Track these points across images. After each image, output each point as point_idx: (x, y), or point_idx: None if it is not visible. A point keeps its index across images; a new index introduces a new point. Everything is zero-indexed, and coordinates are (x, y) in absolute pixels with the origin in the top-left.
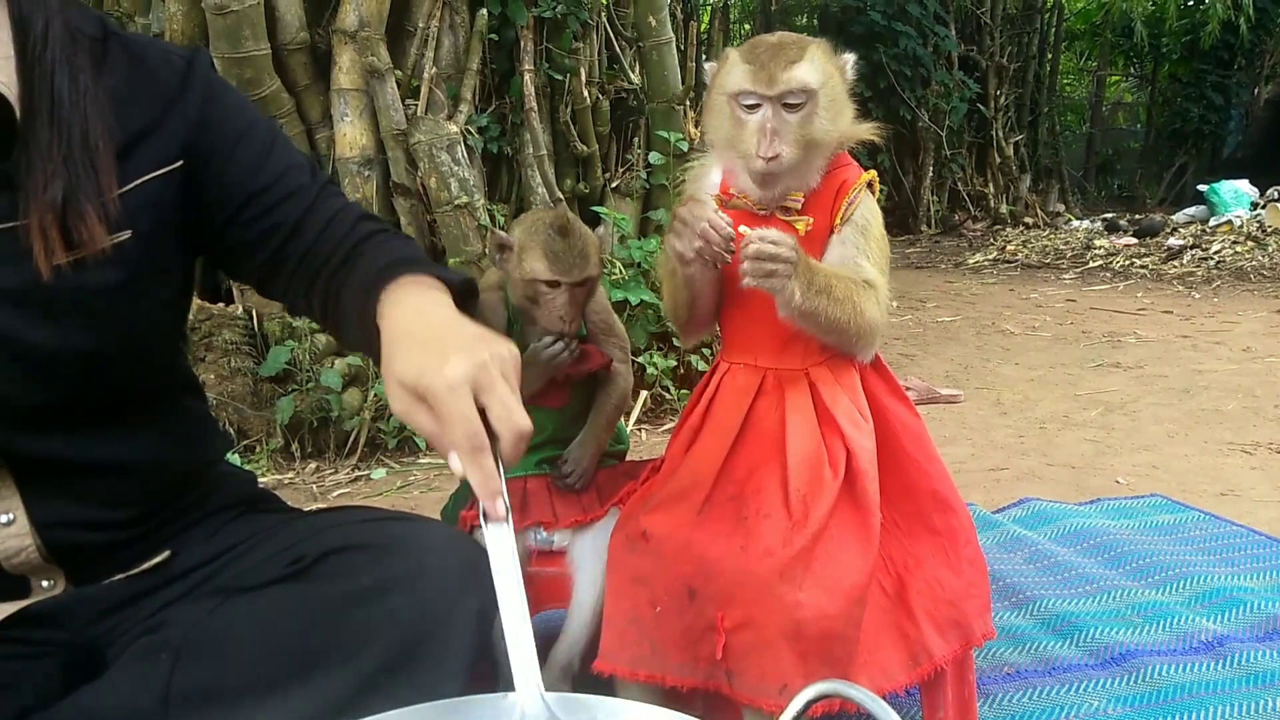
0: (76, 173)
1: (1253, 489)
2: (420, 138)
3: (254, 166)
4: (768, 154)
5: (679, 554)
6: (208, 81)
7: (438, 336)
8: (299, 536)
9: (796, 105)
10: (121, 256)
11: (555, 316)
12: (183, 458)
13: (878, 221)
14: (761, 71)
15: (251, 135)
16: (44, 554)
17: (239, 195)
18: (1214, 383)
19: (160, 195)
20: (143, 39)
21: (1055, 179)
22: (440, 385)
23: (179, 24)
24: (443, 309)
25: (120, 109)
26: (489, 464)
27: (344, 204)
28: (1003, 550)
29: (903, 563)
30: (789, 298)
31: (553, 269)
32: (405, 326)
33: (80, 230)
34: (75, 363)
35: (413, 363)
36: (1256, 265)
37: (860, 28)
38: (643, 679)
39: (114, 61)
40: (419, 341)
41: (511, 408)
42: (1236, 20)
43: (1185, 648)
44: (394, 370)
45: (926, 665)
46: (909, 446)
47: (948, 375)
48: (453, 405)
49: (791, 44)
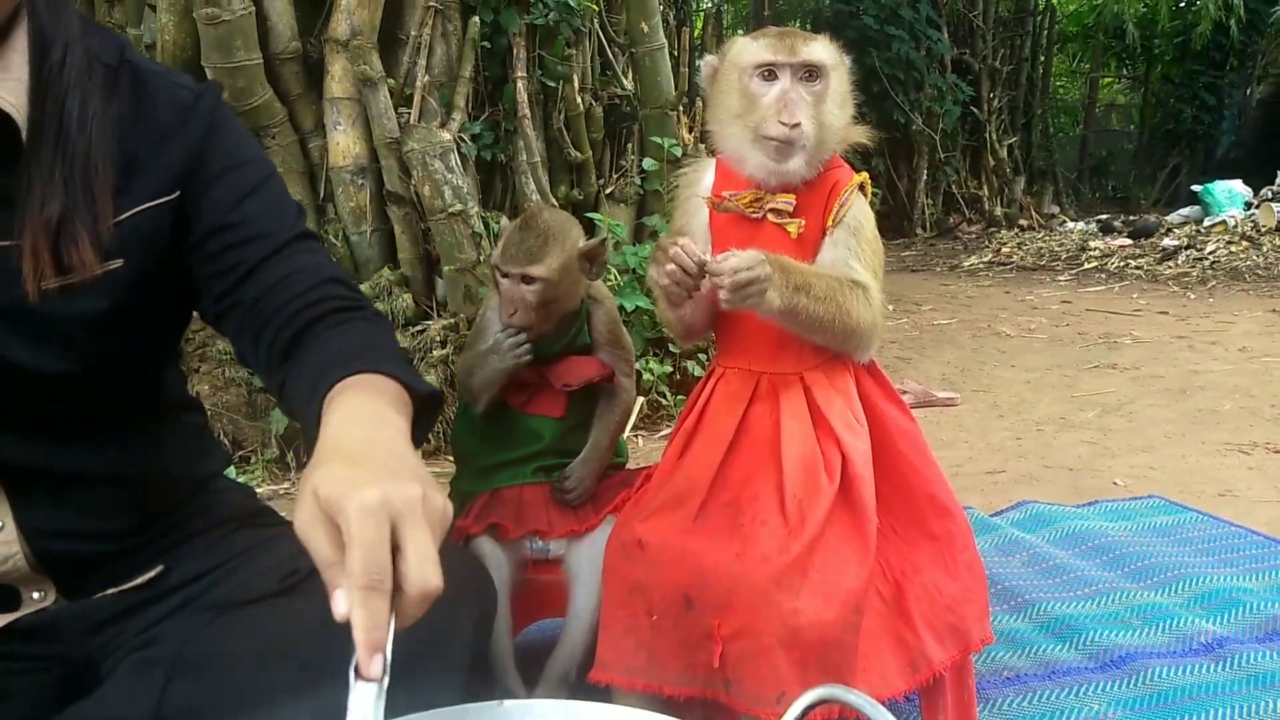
0: (75, 195)
1: (1250, 489)
2: (413, 146)
3: (229, 201)
4: (790, 120)
5: (675, 562)
6: (212, 115)
7: (371, 458)
8: (293, 551)
9: (814, 79)
10: (112, 285)
11: (503, 306)
12: (176, 471)
13: (870, 223)
14: (782, 42)
15: (240, 172)
16: (32, 563)
17: (205, 226)
18: (1211, 383)
19: (155, 226)
20: (156, 68)
21: (1049, 181)
22: (354, 503)
23: (170, 34)
24: (389, 429)
25: (123, 137)
26: (381, 609)
27: (315, 261)
28: (1001, 553)
29: (900, 568)
30: (768, 306)
31: (500, 256)
32: (341, 439)
33: (71, 253)
34: (59, 382)
35: (334, 474)
36: (1251, 265)
37: (853, 32)
38: (640, 689)
39: (123, 89)
40: (349, 458)
41: (427, 560)
42: (1228, 21)
43: (1185, 650)
44: (312, 479)
45: (925, 671)
46: (905, 451)
47: (944, 378)
48: (361, 529)
49: (799, 31)
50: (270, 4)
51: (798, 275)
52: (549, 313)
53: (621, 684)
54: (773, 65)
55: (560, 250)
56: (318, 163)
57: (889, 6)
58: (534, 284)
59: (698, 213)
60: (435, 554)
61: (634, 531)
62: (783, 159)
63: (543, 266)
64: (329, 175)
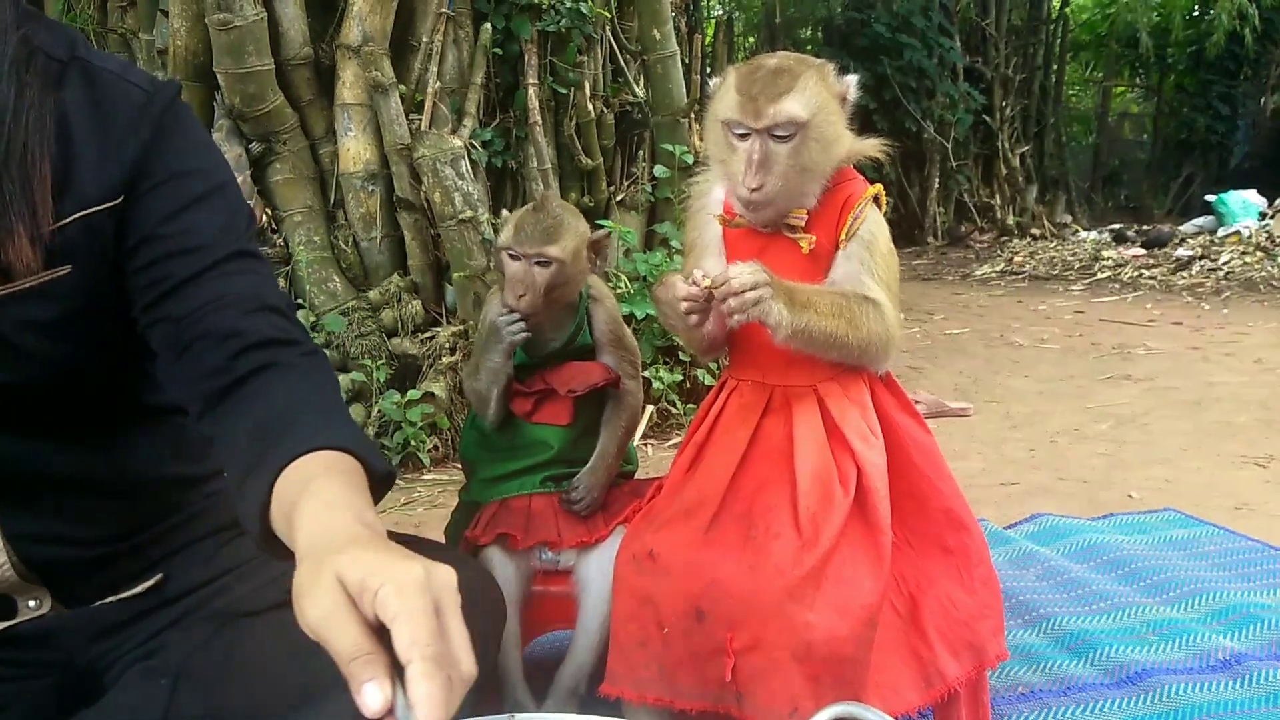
0: (11, 191)
1: (1267, 503)
2: (424, 152)
3: (166, 211)
4: (751, 185)
5: (686, 574)
6: (162, 117)
7: (389, 546)
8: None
9: (785, 137)
10: (59, 291)
11: (510, 289)
12: (165, 474)
13: (884, 236)
14: (750, 104)
15: (184, 181)
16: (22, 571)
17: (138, 233)
18: (1226, 395)
19: (101, 230)
20: (110, 65)
21: (1062, 190)
22: (398, 580)
23: (182, 40)
24: (373, 517)
25: (66, 137)
26: (447, 681)
27: (252, 283)
28: (1015, 566)
29: (915, 582)
30: (778, 320)
31: (512, 237)
32: (338, 528)
33: (9, 251)
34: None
35: (365, 559)
36: (1266, 276)
37: (865, 40)
38: (651, 702)
39: (71, 86)
40: (366, 545)
41: (469, 649)
42: (1242, 31)
43: (1202, 666)
44: (336, 564)
45: (940, 687)
46: (920, 463)
47: (956, 388)
48: (413, 603)
49: (786, 71)
50: (282, 10)
51: (801, 294)
52: (552, 300)
53: (632, 697)
54: (741, 125)
55: (574, 234)
56: (328, 168)
57: (901, 14)
58: (549, 266)
59: (709, 226)
60: (469, 641)
61: (645, 543)
62: (755, 212)
63: (558, 247)
64: (339, 181)
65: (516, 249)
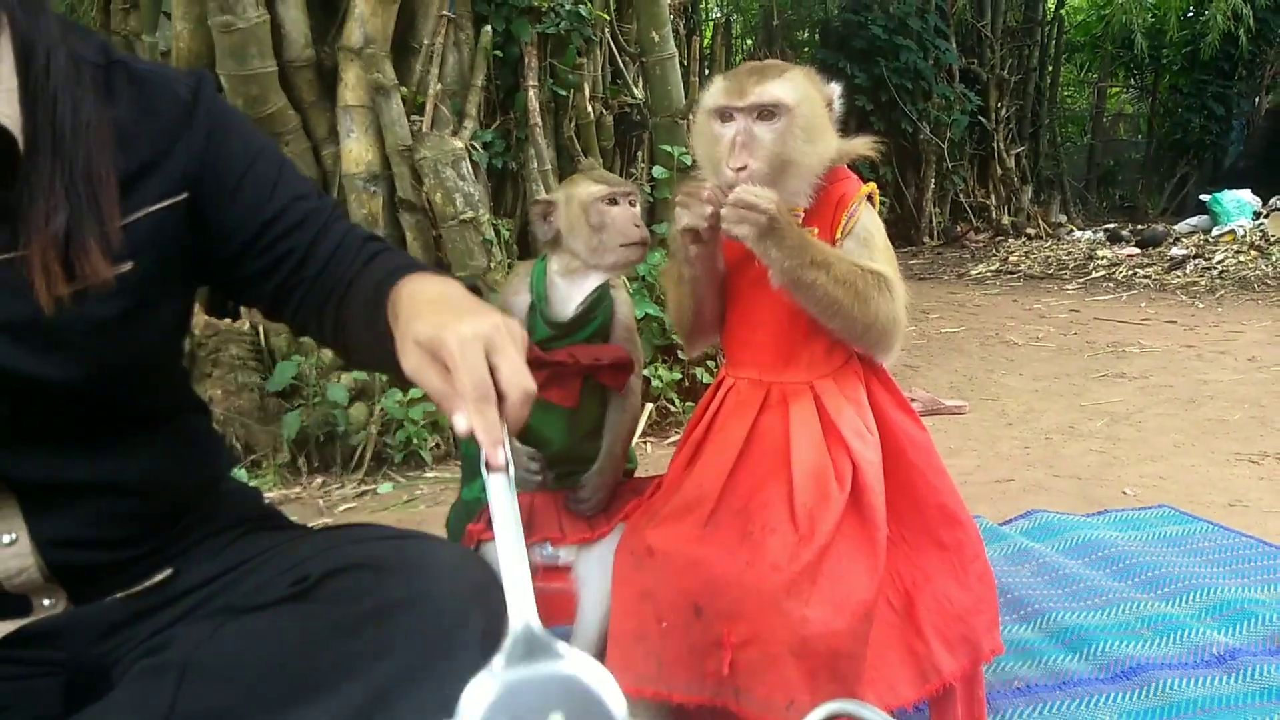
0: (79, 205)
1: (1261, 499)
2: (425, 153)
3: (263, 196)
4: (735, 164)
5: (684, 570)
6: (212, 110)
7: (454, 306)
8: (303, 556)
9: (769, 118)
10: (124, 288)
11: (628, 225)
12: (184, 475)
13: (880, 232)
14: (734, 85)
15: (259, 164)
16: (45, 573)
17: (251, 225)
18: (1220, 392)
19: (164, 227)
20: (147, 65)
21: (1057, 190)
22: (454, 338)
23: (185, 42)
24: (455, 288)
25: (124, 139)
26: (493, 415)
27: (349, 227)
28: (1010, 563)
29: (910, 578)
30: (769, 258)
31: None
32: (423, 298)
33: (83, 263)
34: (73, 391)
35: (430, 322)
36: (1260, 274)
37: (861, 42)
38: (649, 696)
39: (118, 90)
40: (436, 308)
41: (520, 369)
42: (1236, 31)
43: (1196, 661)
44: (411, 330)
45: (935, 682)
46: (916, 460)
47: (952, 386)
48: (465, 357)
49: (772, 66)
50: (284, 12)
51: (816, 251)
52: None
53: (630, 691)
54: (727, 108)
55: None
56: (330, 170)
57: (897, 16)
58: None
59: None
60: (524, 364)
61: (643, 539)
62: None
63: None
64: (341, 182)
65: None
